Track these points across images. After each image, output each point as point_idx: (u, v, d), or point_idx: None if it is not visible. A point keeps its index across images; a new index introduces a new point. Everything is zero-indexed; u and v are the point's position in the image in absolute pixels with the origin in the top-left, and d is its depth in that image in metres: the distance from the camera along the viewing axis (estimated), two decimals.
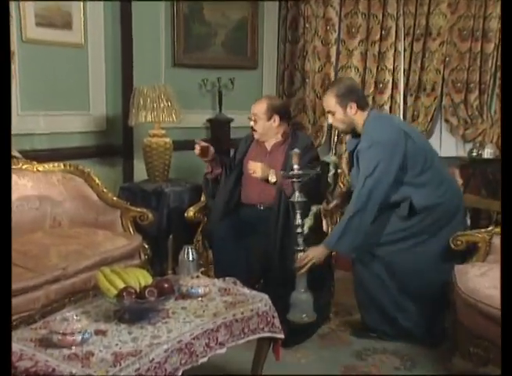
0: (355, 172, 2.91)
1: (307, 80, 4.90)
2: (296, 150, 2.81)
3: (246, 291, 2.44)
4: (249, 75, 4.86)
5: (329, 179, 3.10)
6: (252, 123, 3.34)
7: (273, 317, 2.36)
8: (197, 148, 3.35)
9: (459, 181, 4.26)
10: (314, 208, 2.96)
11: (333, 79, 4.82)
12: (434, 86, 4.67)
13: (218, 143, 4.60)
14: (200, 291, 2.34)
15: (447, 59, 4.60)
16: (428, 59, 4.67)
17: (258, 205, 3.26)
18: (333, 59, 4.83)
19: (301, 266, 2.78)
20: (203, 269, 3.27)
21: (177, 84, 4.13)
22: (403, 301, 2.92)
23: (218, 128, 4.65)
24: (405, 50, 4.72)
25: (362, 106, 2.89)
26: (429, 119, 4.76)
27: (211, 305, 2.27)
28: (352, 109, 2.86)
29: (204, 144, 3.38)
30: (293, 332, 2.76)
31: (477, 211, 4.21)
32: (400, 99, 4.77)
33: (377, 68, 4.75)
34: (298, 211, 2.79)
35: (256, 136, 3.37)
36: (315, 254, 2.81)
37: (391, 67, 4.70)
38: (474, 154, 4.42)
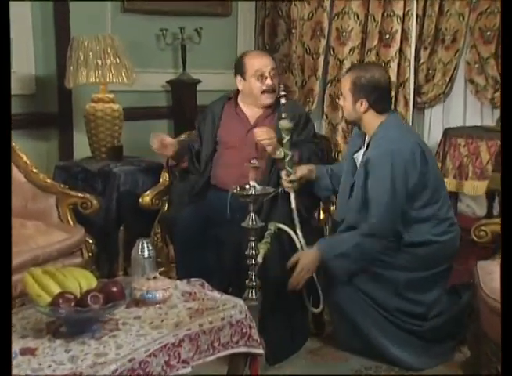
0: (360, 181, 2.97)
1: (293, 30, 4.90)
2: (254, 161, 2.82)
3: (217, 294, 2.43)
4: (220, 24, 4.85)
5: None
6: (270, 81, 3.33)
7: (250, 328, 2.35)
8: (155, 142, 3.35)
9: (486, 157, 4.30)
10: (272, 227, 2.97)
11: (326, 29, 4.82)
12: (455, 36, 4.69)
13: (182, 111, 4.60)
14: (158, 295, 2.33)
15: None
16: (449, 1, 4.68)
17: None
18: (327, 3, 4.83)
19: (295, 284, 2.91)
20: (162, 268, 3.26)
21: (128, 35, 4.11)
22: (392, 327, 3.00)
23: (182, 92, 4.64)
24: None
25: (377, 109, 2.99)
26: (448, 79, 4.79)
27: (172, 314, 2.26)
28: (362, 106, 2.98)
29: (165, 138, 3.38)
30: (274, 347, 2.79)
31: None
32: (411, 53, 4.78)
33: (383, 14, 4.76)
34: (253, 239, 2.80)
35: (269, 100, 3.36)
36: (306, 263, 2.92)
37: (401, 13, 4.71)
38: None
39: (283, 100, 3.11)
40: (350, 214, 2.98)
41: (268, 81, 3.32)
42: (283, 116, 3.09)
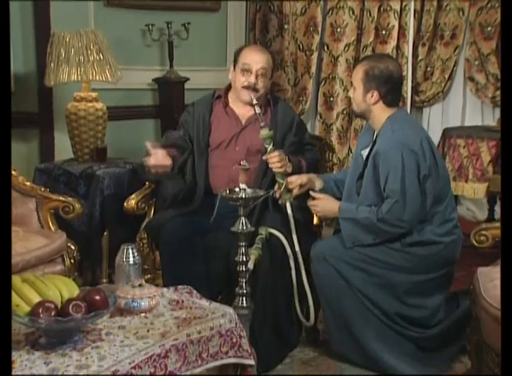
0: (369, 178, 3.00)
1: (286, 26, 4.90)
2: (244, 163, 2.81)
3: (205, 303, 2.44)
4: (209, 19, 4.86)
5: None
6: (253, 79, 3.28)
7: (240, 337, 2.36)
8: (153, 159, 3.17)
9: (486, 158, 4.31)
10: (263, 232, 2.97)
11: (320, 24, 4.83)
12: (454, 32, 4.70)
13: (169, 110, 4.59)
14: (144, 304, 2.33)
15: None
16: None
17: None
18: None
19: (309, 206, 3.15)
20: (148, 275, 3.27)
21: (112, 31, 4.12)
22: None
23: (169, 91, 4.64)
24: None
25: (387, 102, 3.03)
26: (447, 77, 4.80)
27: (158, 323, 2.26)
28: (373, 98, 3.02)
29: (157, 152, 3.19)
30: (264, 355, 2.81)
31: None
32: (409, 50, 4.80)
33: (379, 9, 4.78)
34: (243, 245, 2.80)
35: (247, 97, 3.29)
36: (325, 205, 3.11)
37: (398, 8, 4.73)
38: None
39: (257, 110, 3.12)
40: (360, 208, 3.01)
41: (251, 78, 3.27)
42: (262, 124, 3.09)
